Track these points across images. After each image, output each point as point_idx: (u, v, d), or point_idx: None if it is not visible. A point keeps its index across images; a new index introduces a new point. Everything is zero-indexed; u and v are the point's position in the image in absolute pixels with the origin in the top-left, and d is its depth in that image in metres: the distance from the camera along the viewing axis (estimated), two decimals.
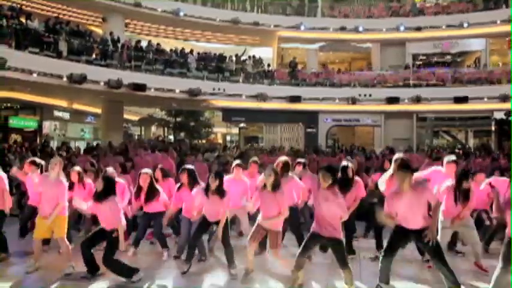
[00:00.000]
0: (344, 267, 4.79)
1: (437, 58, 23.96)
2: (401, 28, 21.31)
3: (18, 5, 15.84)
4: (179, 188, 6.18)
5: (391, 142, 19.18)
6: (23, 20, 14.07)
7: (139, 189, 6.27)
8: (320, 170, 4.94)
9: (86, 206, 5.55)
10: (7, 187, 6.06)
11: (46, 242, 6.20)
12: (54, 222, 5.47)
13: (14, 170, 6.57)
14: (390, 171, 5.80)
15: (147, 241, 6.92)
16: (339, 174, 5.86)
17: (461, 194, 5.51)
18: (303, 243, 4.95)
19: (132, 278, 5.19)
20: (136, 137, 30.13)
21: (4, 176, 6.11)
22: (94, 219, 6.43)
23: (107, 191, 5.21)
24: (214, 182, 5.42)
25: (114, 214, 5.16)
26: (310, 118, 20.98)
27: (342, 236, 4.85)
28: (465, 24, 20.47)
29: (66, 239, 5.60)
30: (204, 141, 30.60)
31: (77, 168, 6.72)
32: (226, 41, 24.11)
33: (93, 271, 5.31)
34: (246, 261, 5.39)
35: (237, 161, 6.72)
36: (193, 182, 5.98)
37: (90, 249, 5.28)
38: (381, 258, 4.83)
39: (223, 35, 23.19)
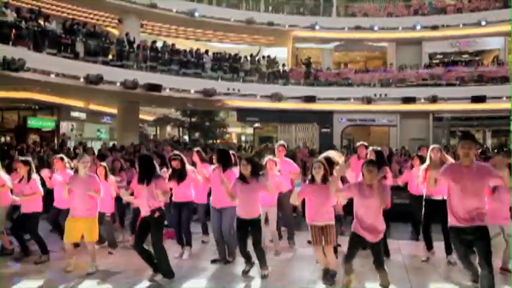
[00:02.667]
0: (380, 268, 4.56)
1: (455, 57, 23.61)
2: (418, 27, 21.09)
3: (37, 8, 16.09)
4: (213, 171, 6.05)
5: (407, 142, 18.97)
6: (41, 22, 14.31)
7: (174, 172, 6.15)
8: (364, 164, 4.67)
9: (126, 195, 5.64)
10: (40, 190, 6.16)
11: None
12: (85, 225, 5.45)
13: (44, 173, 6.56)
14: (426, 163, 5.76)
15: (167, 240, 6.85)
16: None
17: None
18: (348, 247, 4.67)
19: (170, 277, 5.18)
20: (151, 137, 30.37)
21: (38, 178, 6.19)
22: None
23: (149, 172, 5.22)
24: (247, 168, 5.28)
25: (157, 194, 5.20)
26: (325, 118, 20.87)
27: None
28: (483, 23, 20.16)
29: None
30: (218, 141, 30.68)
31: (103, 163, 6.83)
32: (241, 41, 24.17)
33: (156, 269, 5.22)
34: (325, 263, 5.16)
35: (270, 156, 6.52)
36: (226, 163, 5.78)
37: (143, 246, 5.24)
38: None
39: (237, 35, 23.25)
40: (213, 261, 5.97)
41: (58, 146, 16.73)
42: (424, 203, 6.10)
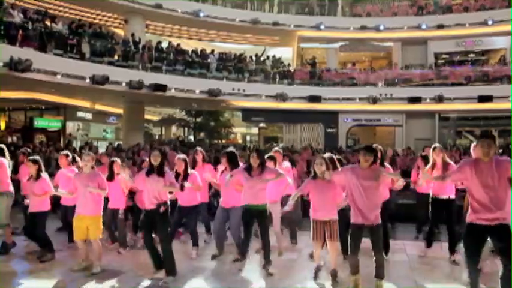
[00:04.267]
0: (378, 253, 4.62)
1: (461, 57, 23.49)
2: (424, 26, 21.01)
3: (44, 9, 16.19)
4: (221, 173, 6.21)
5: (413, 142, 18.91)
6: (47, 23, 14.39)
7: (177, 176, 6.10)
8: (361, 150, 4.78)
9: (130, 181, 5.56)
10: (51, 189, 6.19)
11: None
12: (89, 223, 5.49)
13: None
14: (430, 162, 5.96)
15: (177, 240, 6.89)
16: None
17: None
18: (349, 242, 4.70)
19: (173, 275, 5.19)
20: (157, 137, 30.48)
21: (47, 177, 6.19)
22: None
23: (162, 166, 5.29)
24: (257, 159, 5.38)
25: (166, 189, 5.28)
26: (330, 118, 20.85)
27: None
28: (489, 22, 20.06)
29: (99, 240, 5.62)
30: (224, 141, 30.71)
31: (119, 160, 6.85)
32: (246, 41, 24.16)
33: (160, 267, 5.23)
34: (315, 258, 5.30)
35: (270, 153, 6.52)
36: (234, 165, 5.89)
37: (153, 244, 5.26)
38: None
39: (242, 35, 23.25)
40: (214, 257, 6.07)
41: (64, 146, 16.84)
42: (430, 203, 6.14)
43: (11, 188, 6.43)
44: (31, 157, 6.30)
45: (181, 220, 6.39)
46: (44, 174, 6.13)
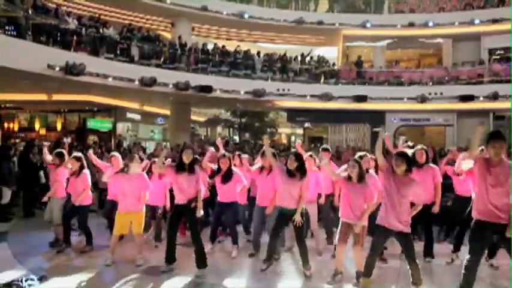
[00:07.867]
0: (412, 263, 4.51)
1: None
2: (476, 21, 20.10)
3: (97, 15, 16.92)
4: (260, 171, 6.29)
5: (465, 142, 18.12)
6: (100, 28, 15.03)
7: (218, 171, 6.36)
8: (393, 156, 4.62)
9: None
10: (90, 184, 6.62)
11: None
12: (133, 218, 5.81)
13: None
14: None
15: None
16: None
17: None
18: (371, 244, 4.67)
19: (205, 267, 5.42)
20: (202, 137, 31.02)
21: (88, 173, 6.64)
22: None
23: (193, 163, 5.53)
24: (294, 162, 5.38)
25: (198, 183, 5.51)
26: (377, 118, 20.36)
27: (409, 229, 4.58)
28: None
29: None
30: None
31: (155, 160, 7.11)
32: (291, 41, 24.10)
33: (170, 261, 5.53)
34: (335, 262, 5.30)
35: (310, 153, 6.60)
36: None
37: (175, 238, 5.54)
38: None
39: (287, 35, 23.21)
40: (251, 256, 6.20)
41: (115, 146, 17.49)
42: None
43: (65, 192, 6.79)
44: (74, 154, 6.70)
45: (221, 215, 6.46)
46: (86, 171, 6.56)
